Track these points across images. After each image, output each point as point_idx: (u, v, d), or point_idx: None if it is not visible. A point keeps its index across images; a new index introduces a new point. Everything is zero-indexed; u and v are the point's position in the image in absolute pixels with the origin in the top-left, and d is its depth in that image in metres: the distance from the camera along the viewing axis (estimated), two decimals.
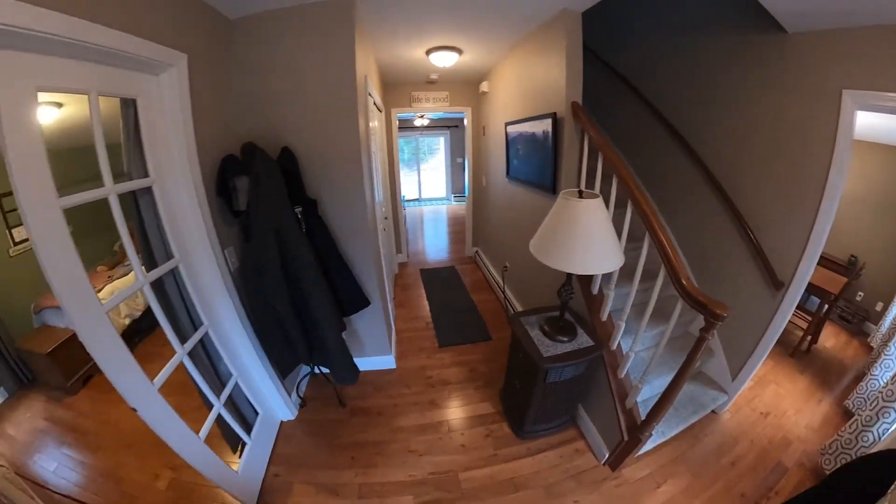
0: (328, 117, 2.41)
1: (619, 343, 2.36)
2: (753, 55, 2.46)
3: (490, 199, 4.83)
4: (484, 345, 3.47)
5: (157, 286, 1.89)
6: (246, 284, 2.26)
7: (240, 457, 2.39)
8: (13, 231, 4.28)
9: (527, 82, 3.20)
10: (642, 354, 2.53)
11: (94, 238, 5.37)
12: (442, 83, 5.04)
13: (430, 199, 12.18)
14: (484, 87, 4.52)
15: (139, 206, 1.82)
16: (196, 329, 2.16)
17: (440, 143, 11.76)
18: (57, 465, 3.04)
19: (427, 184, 12.16)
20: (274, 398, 2.72)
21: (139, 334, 4.38)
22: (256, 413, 2.65)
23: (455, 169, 11.56)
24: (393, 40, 3.14)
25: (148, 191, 1.82)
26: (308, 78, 2.32)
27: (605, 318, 2.45)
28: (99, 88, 1.40)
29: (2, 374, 4.06)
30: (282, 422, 2.85)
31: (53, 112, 2.80)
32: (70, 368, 3.86)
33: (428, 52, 3.46)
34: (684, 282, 1.73)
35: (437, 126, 11.12)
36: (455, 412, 2.78)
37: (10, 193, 3.62)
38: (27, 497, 1.54)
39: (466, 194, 5.69)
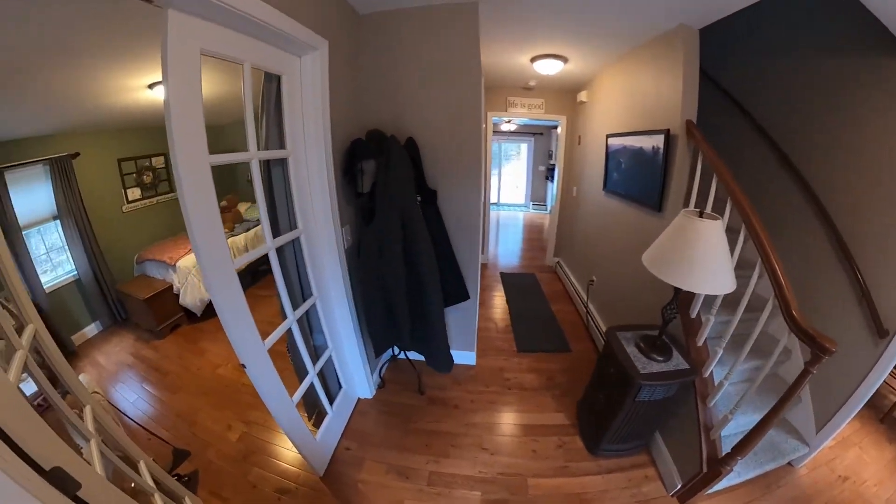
0: (451, 112, 2.49)
1: (711, 371, 2.20)
2: (875, 76, 2.25)
3: (580, 211, 4.72)
4: (562, 355, 3.39)
5: (277, 253, 1.98)
6: (364, 263, 2.33)
7: (314, 425, 2.45)
8: (127, 191, 4.87)
9: (634, 95, 3.11)
10: (730, 388, 2.38)
11: None
12: (539, 90, 5.04)
13: (508, 205, 12.08)
14: (582, 96, 4.44)
15: (271, 175, 1.94)
16: (304, 299, 2.27)
17: (522, 149, 11.67)
18: (136, 398, 3.35)
19: (505, 189, 12.11)
20: (358, 374, 2.83)
21: None
22: (340, 386, 2.75)
23: (536, 177, 11.38)
24: (501, 45, 3.17)
25: (281, 162, 1.97)
26: (432, 74, 2.42)
27: (700, 343, 2.33)
28: (253, 61, 1.51)
29: (101, 310, 4.57)
30: (359, 398, 2.93)
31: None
32: (161, 315, 4.23)
33: (533, 60, 3.46)
34: (795, 313, 1.67)
35: (521, 132, 11.04)
36: (530, 417, 2.73)
37: (129, 158, 4.34)
38: (115, 425, 1.63)
39: (549, 203, 5.60)
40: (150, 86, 3.11)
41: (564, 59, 3.42)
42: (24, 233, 3.85)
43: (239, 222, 5.50)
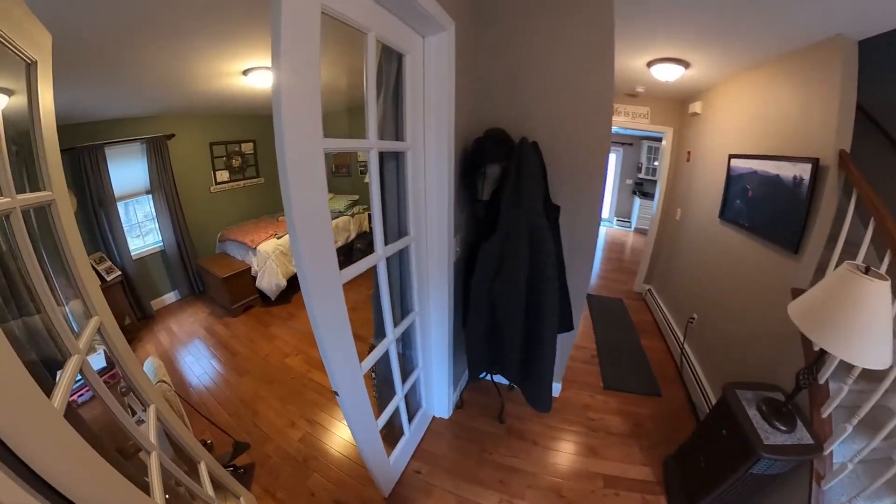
0: (579, 113, 2.13)
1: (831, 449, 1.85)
2: None
3: (683, 236, 4.20)
4: (651, 400, 3.02)
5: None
6: (478, 280, 2.04)
7: (387, 442, 2.28)
8: (216, 173, 5.11)
9: (769, 113, 2.69)
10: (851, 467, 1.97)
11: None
12: (645, 97, 4.59)
13: None
14: (696, 107, 3.96)
15: (383, 171, 1.70)
16: (403, 314, 2.09)
17: (609, 160, 10.85)
18: (202, 373, 3.41)
19: None
20: (440, 393, 2.61)
21: None
22: (419, 405, 2.62)
23: (623, 190, 10.56)
24: (617, 46, 2.80)
25: (395, 157, 1.74)
26: (559, 67, 2.08)
27: (825, 415, 1.92)
28: (378, 31, 1.30)
29: (181, 280, 4.83)
30: (434, 417, 2.72)
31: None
32: (237, 294, 4.32)
33: (650, 64, 3.08)
34: None
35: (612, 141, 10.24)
36: (613, 467, 2.41)
37: (220, 142, 4.54)
38: (178, 422, 1.53)
39: (634, 220, 5.09)
40: (245, 72, 3.09)
41: (686, 65, 3.03)
42: (118, 203, 4.12)
43: None
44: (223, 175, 5.19)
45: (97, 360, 1.98)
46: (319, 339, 1.28)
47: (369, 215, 5.64)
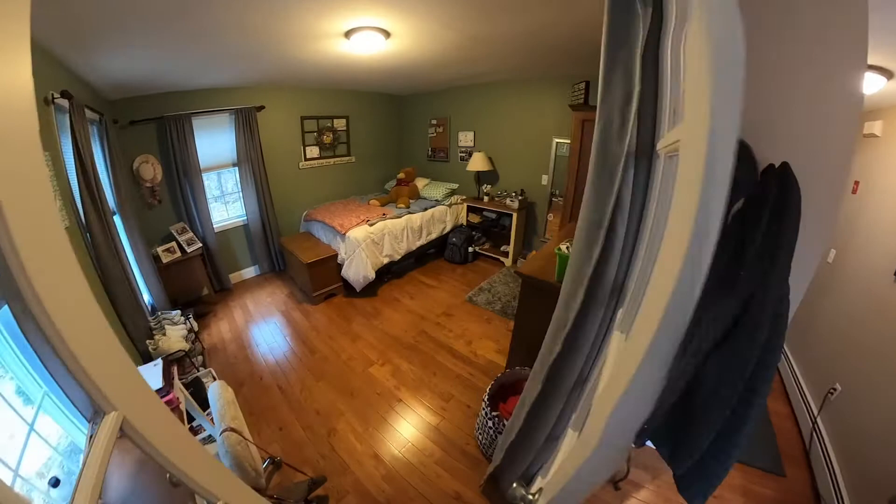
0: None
1: None
2: None
3: (836, 286, 3.14)
4: (774, 478, 2.22)
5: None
6: (700, 336, 1.34)
7: None
8: (306, 149, 4.75)
9: None
10: None
11: (375, 168, 5.67)
12: None
13: None
14: (874, 128, 2.86)
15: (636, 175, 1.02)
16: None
17: None
18: (276, 365, 3.01)
19: None
20: None
21: (389, 274, 4.45)
22: None
23: None
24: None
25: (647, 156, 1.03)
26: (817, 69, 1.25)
27: None
28: None
29: (262, 256, 4.58)
30: None
31: None
32: (319, 282, 3.91)
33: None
34: None
35: None
36: None
37: (312, 117, 3.99)
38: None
39: None
40: (347, 34, 2.51)
41: (889, 75, 2.06)
42: (203, 175, 3.84)
43: (415, 198, 5.02)
44: (313, 151, 4.81)
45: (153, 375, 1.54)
46: None
47: (468, 207, 5.08)
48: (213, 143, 3.94)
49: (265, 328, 3.54)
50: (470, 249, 4.89)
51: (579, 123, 3.32)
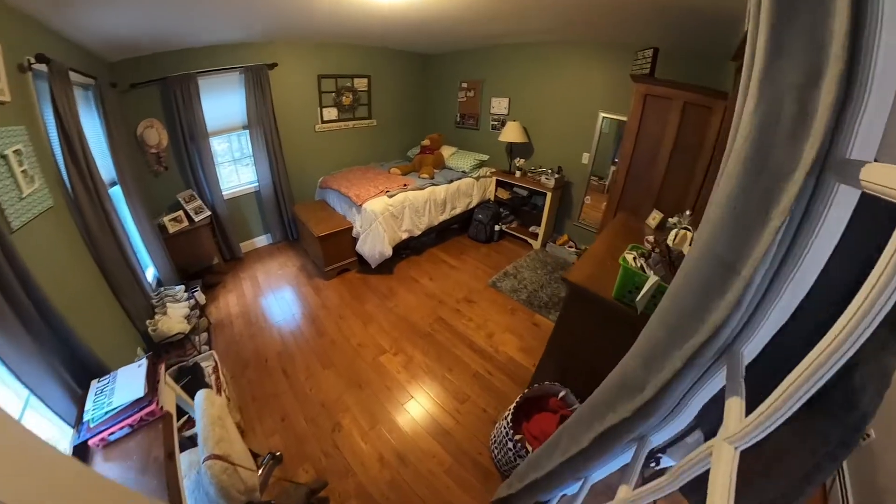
0: None
1: None
2: None
3: None
4: None
5: None
6: None
7: None
8: (323, 110, 4.40)
9: None
10: None
11: (398, 133, 5.30)
12: None
13: None
14: None
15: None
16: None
17: None
18: (280, 345, 2.83)
19: None
20: None
21: (407, 250, 4.15)
22: None
23: None
24: None
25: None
26: None
27: None
28: None
29: (274, 225, 4.37)
30: None
31: None
32: (333, 256, 3.67)
33: None
34: None
35: None
36: None
37: (330, 76, 3.69)
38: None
39: None
40: None
41: None
42: (211, 139, 3.57)
43: (439, 168, 4.62)
44: (331, 113, 4.44)
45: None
46: None
47: (497, 181, 4.65)
48: (222, 104, 3.63)
49: (274, 303, 3.34)
50: (497, 228, 4.53)
51: (641, 98, 2.75)
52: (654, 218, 2.48)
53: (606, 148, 3.84)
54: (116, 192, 2.61)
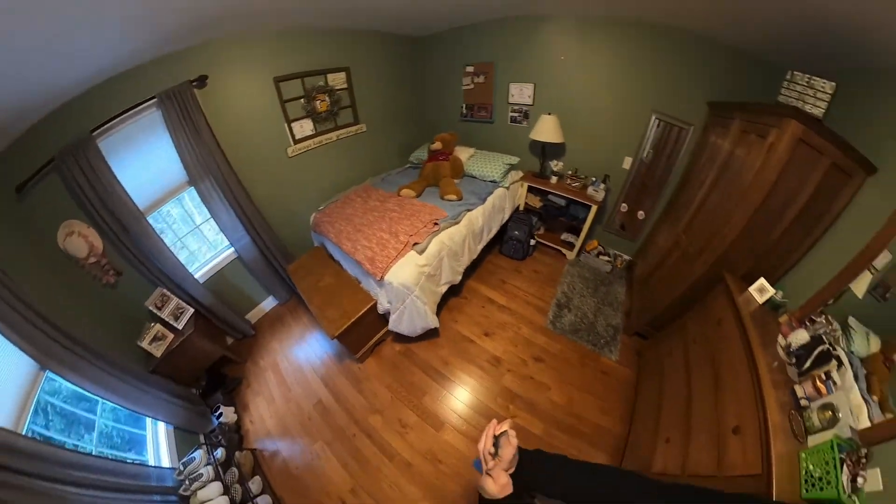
0: None
1: None
2: None
3: None
4: None
5: None
6: None
7: None
8: (292, 126, 3.30)
9: None
10: None
11: (394, 135, 4.36)
12: None
13: None
14: None
15: None
16: None
17: None
18: (350, 473, 2.22)
19: None
20: None
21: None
22: None
23: None
24: None
25: None
26: None
27: None
28: None
29: (274, 285, 3.62)
30: None
31: None
32: (358, 343, 2.96)
33: None
34: None
35: None
36: None
37: (291, 76, 3.07)
38: None
39: None
40: None
41: None
42: (150, 217, 2.56)
43: (459, 177, 3.69)
44: (304, 127, 3.34)
45: None
46: None
47: (529, 188, 3.82)
48: (146, 162, 2.53)
49: (314, 414, 2.70)
50: (532, 242, 3.90)
51: (792, 142, 1.80)
52: (762, 291, 2.05)
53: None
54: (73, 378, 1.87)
